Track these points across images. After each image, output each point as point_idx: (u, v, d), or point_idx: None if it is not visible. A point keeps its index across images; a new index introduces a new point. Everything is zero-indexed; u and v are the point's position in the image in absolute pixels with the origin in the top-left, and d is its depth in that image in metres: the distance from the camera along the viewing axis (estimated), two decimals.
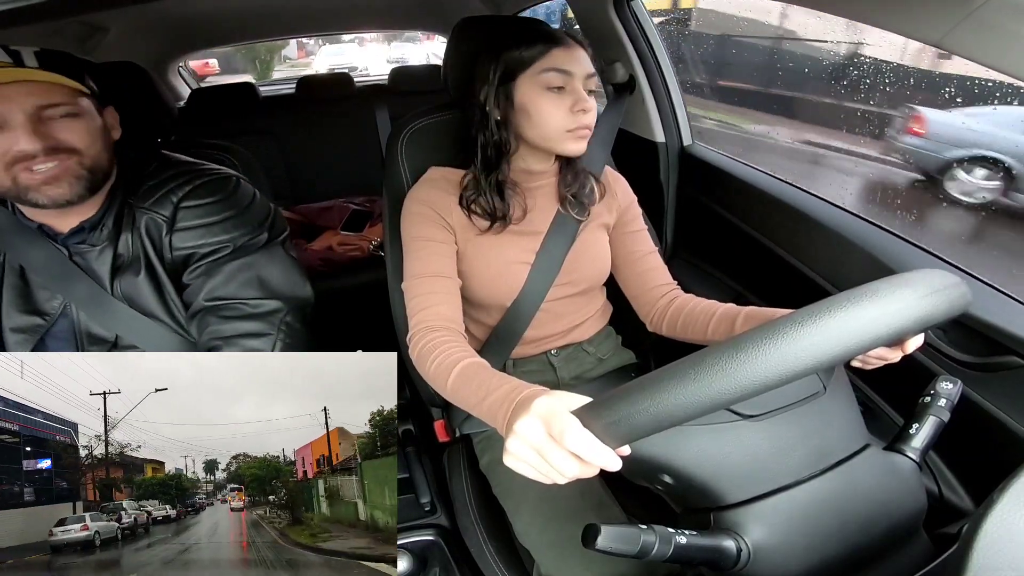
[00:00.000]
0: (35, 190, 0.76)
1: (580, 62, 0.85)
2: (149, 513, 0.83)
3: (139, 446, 0.80)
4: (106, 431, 0.79)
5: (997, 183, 2.22)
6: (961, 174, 2.26)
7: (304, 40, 13.13)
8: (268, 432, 0.81)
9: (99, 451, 0.80)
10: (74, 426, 0.79)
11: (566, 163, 0.96)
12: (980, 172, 2.23)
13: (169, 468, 0.83)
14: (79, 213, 0.85)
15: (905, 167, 2.42)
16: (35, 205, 0.79)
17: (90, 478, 0.81)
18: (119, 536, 0.80)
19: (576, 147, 0.87)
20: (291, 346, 0.90)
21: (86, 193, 0.80)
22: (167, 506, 0.84)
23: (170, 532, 0.82)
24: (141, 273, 0.86)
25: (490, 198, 0.90)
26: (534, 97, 0.85)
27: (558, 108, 0.85)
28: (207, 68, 5.38)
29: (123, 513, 0.81)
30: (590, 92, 0.87)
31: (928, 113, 2.25)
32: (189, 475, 0.83)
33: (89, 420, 0.79)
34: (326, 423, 0.83)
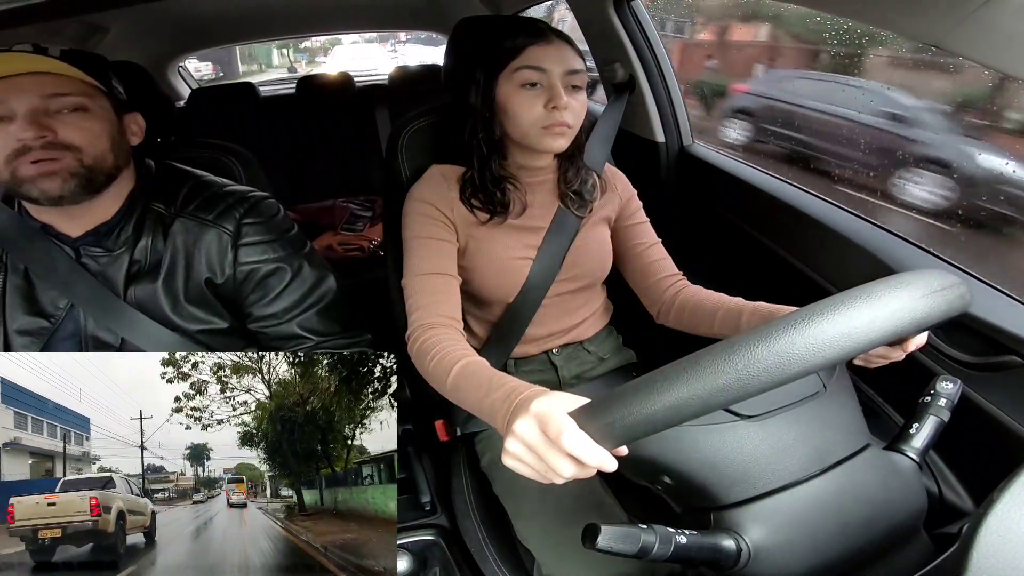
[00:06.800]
0: (29, 182, 0.75)
1: (558, 59, 0.85)
2: None
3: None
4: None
5: None
6: None
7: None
8: None
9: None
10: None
11: (566, 160, 0.96)
12: None
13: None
14: (92, 216, 0.84)
15: None
16: (27, 198, 0.78)
17: None
18: None
19: (554, 143, 0.86)
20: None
21: (80, 191, 0.78)
22: None
23: None
24: (159, 280, 0.86)
25: (488, 192, 0.90)
26: (510, 94, 0.86)
27: (533, 105, 0.84)
28: None
29: None
30: (575, 88, 0.86)
31: None
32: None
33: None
34: None
